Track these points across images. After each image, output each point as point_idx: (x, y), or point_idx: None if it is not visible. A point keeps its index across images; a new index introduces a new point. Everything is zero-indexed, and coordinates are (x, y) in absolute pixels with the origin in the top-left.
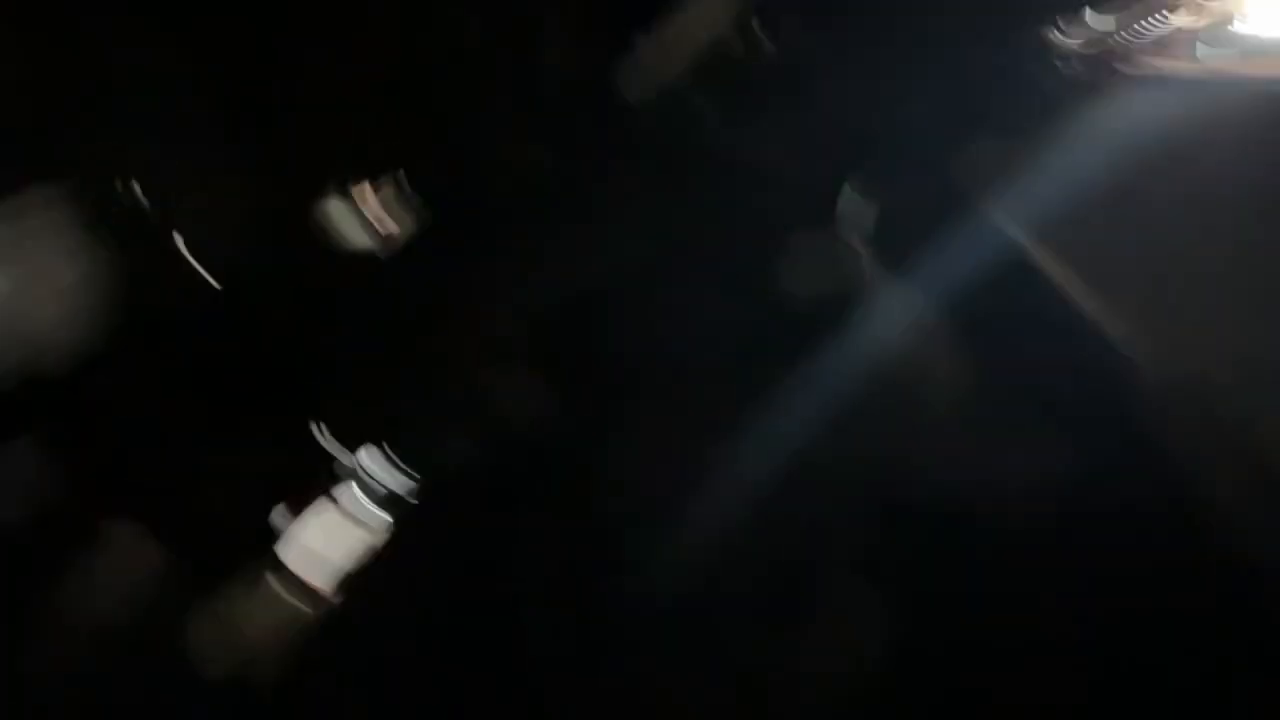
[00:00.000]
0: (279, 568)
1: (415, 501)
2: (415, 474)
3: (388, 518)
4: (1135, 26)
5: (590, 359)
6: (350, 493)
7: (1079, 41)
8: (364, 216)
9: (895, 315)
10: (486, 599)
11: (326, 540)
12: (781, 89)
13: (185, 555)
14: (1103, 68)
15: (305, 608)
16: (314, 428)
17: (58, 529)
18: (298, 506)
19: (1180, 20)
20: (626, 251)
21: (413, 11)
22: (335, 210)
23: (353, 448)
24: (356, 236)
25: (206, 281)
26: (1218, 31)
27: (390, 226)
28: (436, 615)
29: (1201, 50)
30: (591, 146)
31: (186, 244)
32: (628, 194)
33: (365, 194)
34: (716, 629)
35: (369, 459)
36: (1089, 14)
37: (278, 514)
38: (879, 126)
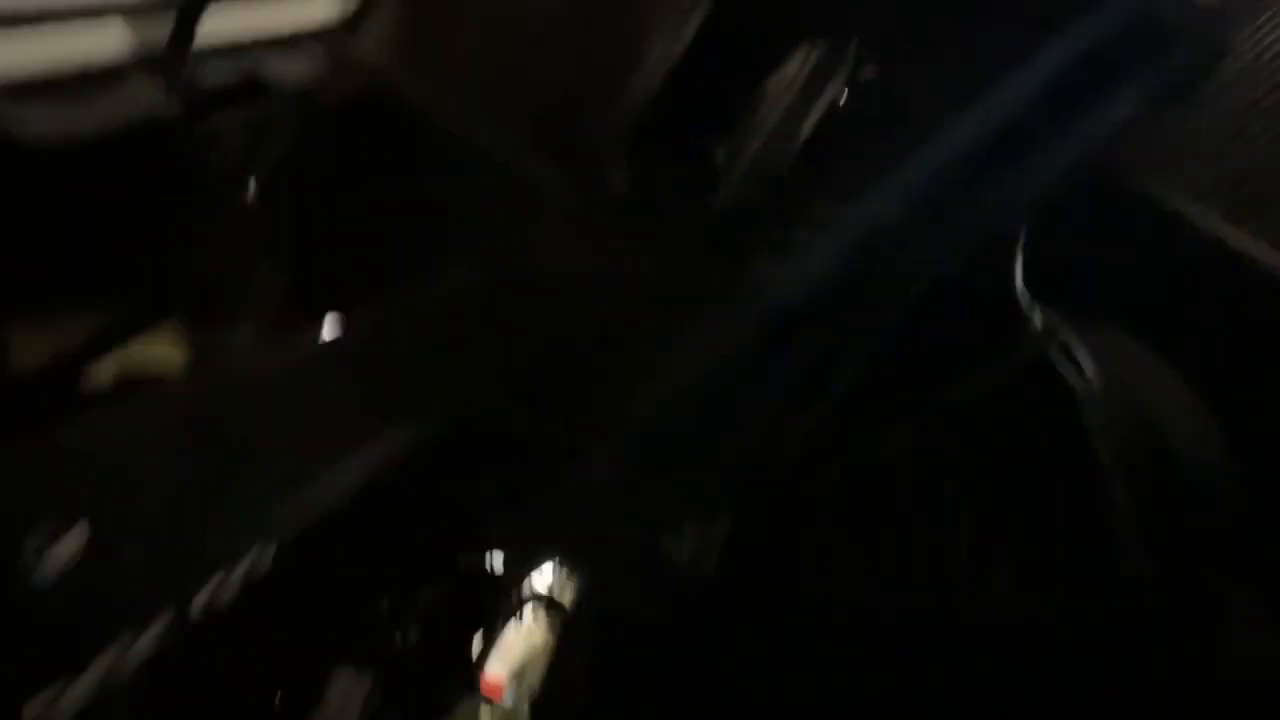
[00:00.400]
0: (479, 691)
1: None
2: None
3: (570, 625)
4: None
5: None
6: (533, 609)
7: None
8: None
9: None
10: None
11: (521, 658)
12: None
13: (393, 696)
14: None
15: None
16: (487, 559)
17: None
18: (488, 632)
19: None
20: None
21: None
22: None
23: (526, 568)
24: None
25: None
26: None
27: None
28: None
29: None
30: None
31: None
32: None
33: None
34: None
35: (542, 574)
36: None
37: (470, 641)
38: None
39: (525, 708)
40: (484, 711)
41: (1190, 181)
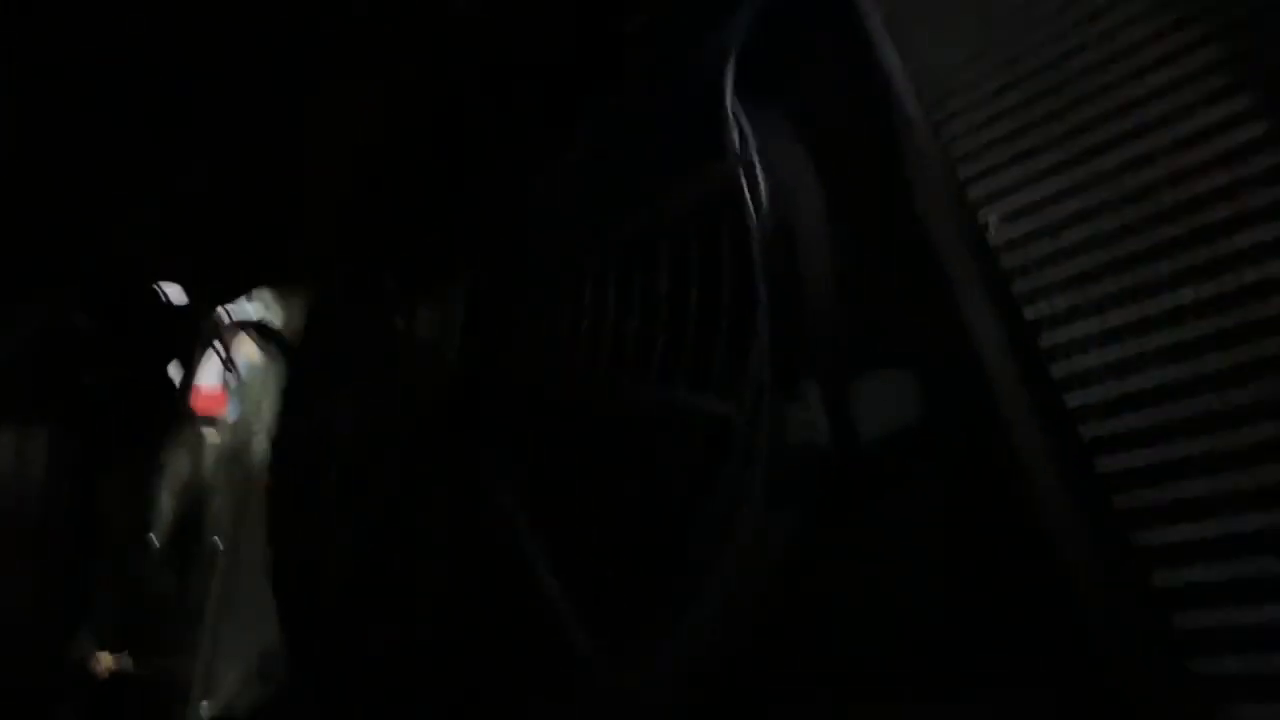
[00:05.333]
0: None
1: None
2: None
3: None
4: None
5: None
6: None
7: None
8: None
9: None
10: None
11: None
12: None
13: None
14: None
15: None
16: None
17: None
18: (186, 361)
19: None
20: None
21: None
22: None
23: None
24: None
25: None
26: None
27: None
28: None
29: None
30: None
31: None
32: None
33: None
34: None
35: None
36: None
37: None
38: None
39: (255, 424)
40: (209, 433)
41: None
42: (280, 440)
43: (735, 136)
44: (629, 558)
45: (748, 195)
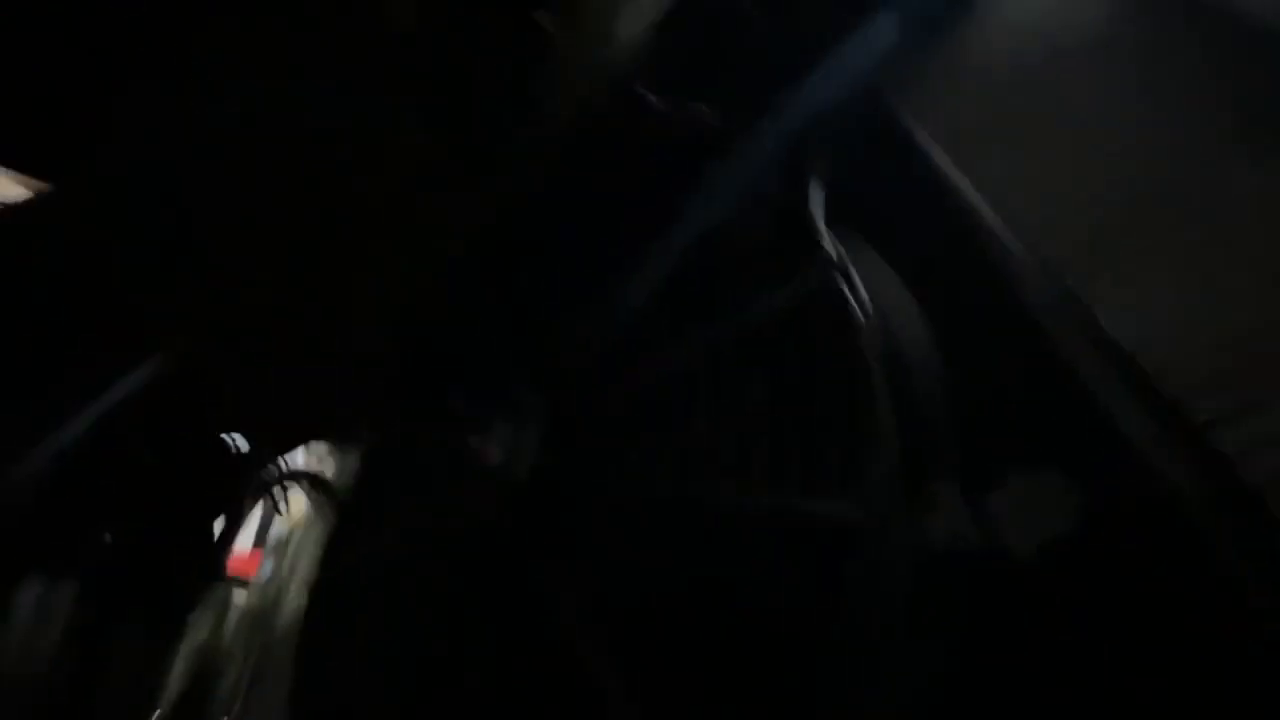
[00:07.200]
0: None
1: None
2: None
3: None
4: None
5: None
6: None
7: None
8: None
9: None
10: None
11: (281, 534)
12: None
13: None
14: None
15: None
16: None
17: None
18: (232, 514)
19: None
20: None
21: None
22: None
23: (277, 450)
24: None
25: None
26: None
27: None
28: None
29: None
30: None
31: None
32: None
33: None
34: None
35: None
36: None
37: (210, 527)
38: None
39: (290, 584)
40: (238, 594)
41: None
42: (318, 587)
43: (830, 245)
44: (722, 681)
45: (850, 295)
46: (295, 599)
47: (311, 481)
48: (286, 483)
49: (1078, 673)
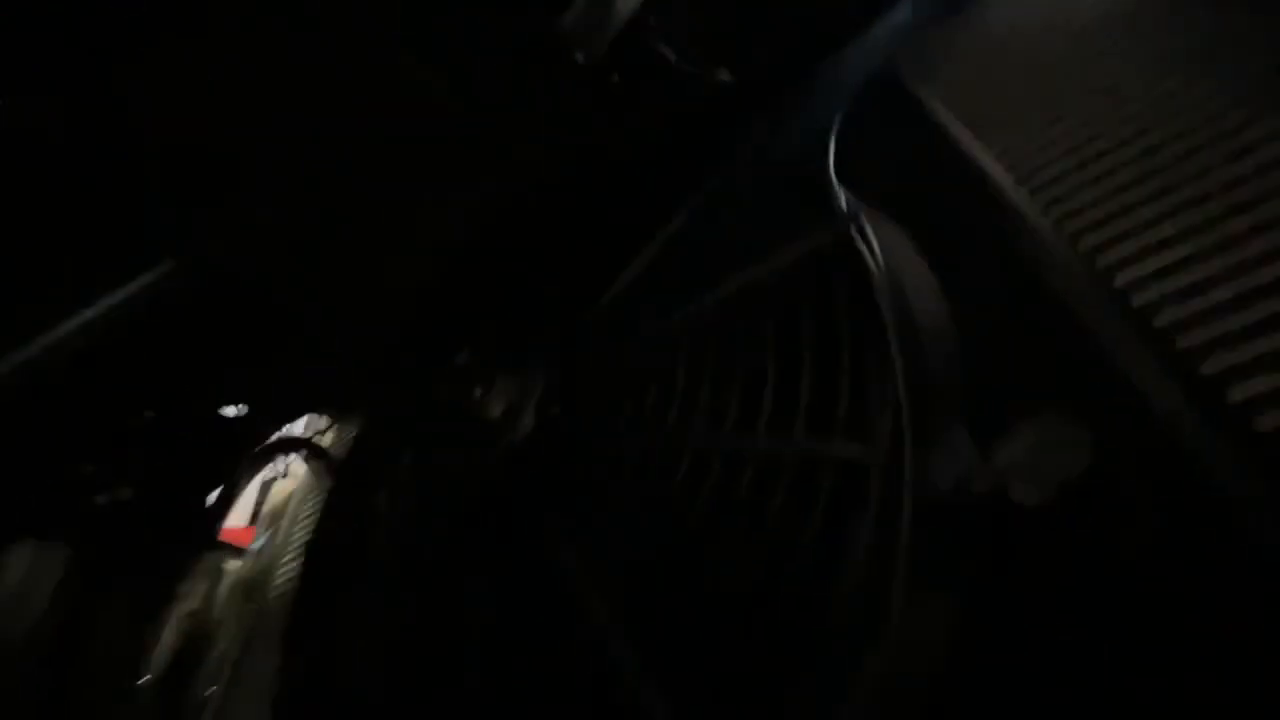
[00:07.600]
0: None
1: None
2: None
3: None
4: None
5: None
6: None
7: None
8: None
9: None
10: None
11: (277, 504)
12: None
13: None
14: None
15: None
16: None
17: None
18: (228, 483)
19: None
20: None
21: None
22: None
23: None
24: None
25: None
26: None
27: None
28: None
29: None
30: None
31: None
32: None
33: None
34: None
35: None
36: None
37: (205, 496)
38: None
39: (284, 552)
40: (232, 563)
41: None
42: (315, 544)
43: (843, 200)
44: (731, 633)
45: (864, 246)
46: (289, 567)
47: (310, 449)
48: (284, 452)
49: (1089, 617)
